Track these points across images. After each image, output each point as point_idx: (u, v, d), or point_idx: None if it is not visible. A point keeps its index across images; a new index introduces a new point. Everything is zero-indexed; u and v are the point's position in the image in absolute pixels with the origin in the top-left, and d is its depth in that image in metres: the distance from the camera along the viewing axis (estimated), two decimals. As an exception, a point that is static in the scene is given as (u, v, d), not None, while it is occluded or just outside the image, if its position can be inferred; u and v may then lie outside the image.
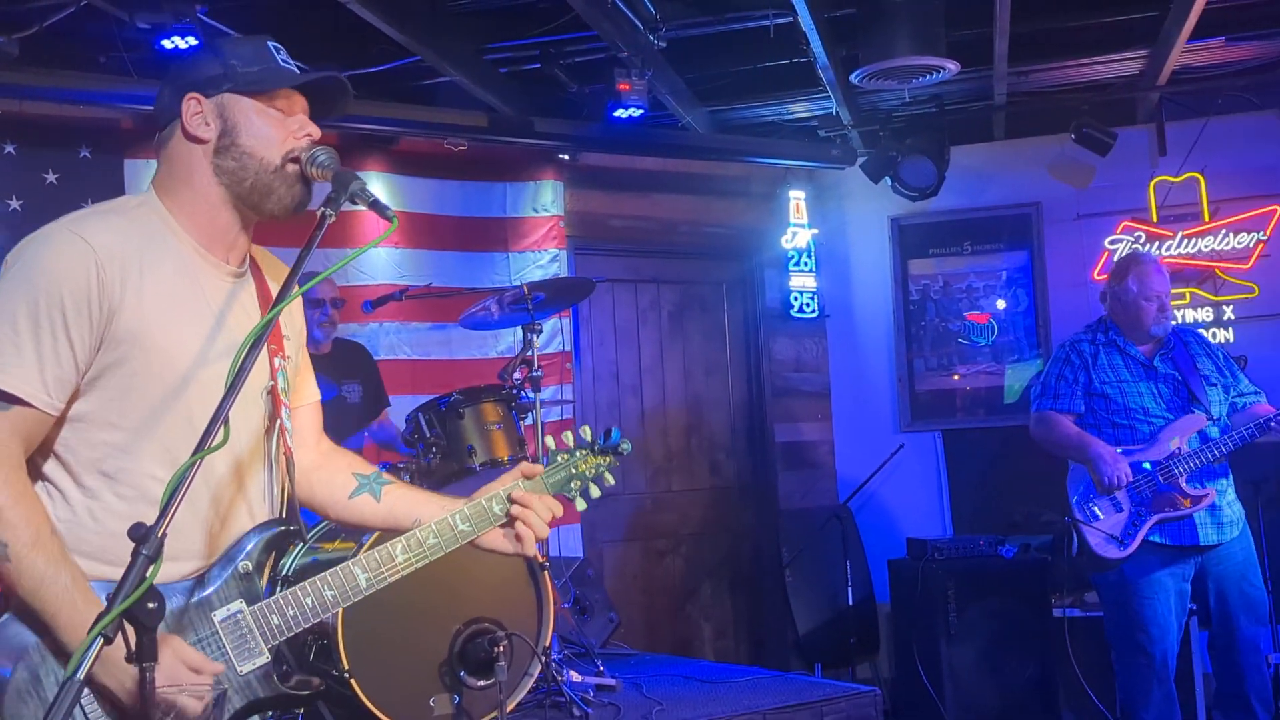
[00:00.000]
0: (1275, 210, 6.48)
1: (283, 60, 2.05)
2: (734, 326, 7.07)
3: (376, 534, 2.62)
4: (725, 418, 7.00)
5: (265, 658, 1.94)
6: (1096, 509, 4.67)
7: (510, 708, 3.89)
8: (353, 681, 3.69)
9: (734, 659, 6.60)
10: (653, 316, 6.81)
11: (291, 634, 1.97)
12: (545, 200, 6.29)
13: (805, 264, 6.97)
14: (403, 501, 2.22)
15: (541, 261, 6.22)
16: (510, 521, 2.16)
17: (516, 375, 4.59)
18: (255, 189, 1.99)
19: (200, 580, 1.94)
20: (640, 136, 6.15)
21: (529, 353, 4.55)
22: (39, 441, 1.87)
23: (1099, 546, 4.63)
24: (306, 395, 2.30)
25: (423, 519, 2.15)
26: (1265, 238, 6.48)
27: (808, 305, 6.99)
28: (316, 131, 2.06)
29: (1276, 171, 6.56)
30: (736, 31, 5.57)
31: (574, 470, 2.28)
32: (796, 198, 6.97)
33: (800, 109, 6.68)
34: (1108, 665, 5.20)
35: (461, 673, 3.92)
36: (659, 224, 6.73)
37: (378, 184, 5.75)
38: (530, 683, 4.05)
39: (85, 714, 1.77)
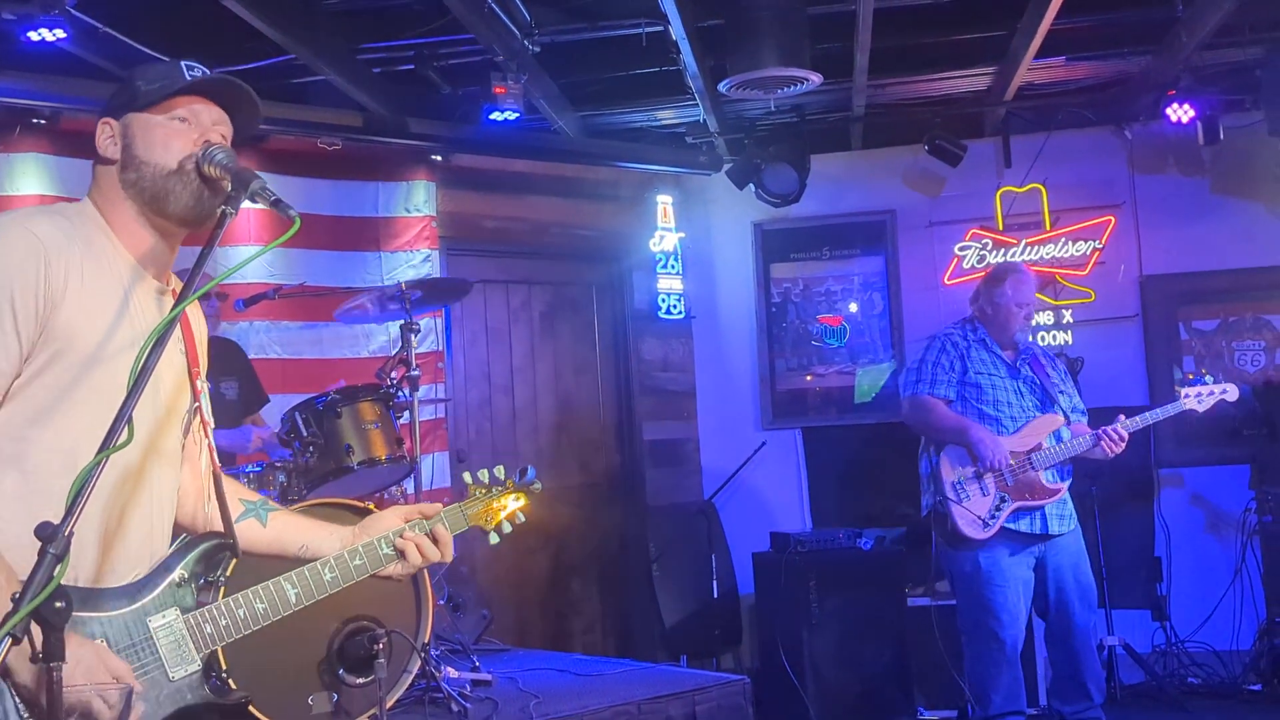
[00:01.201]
0: (1110, 220, 6.84)
1: (191, 74, 2.06)
2: (603, 327, 7.14)
3: None
4: (595, 416, 7.06)
5: (197, 665, 1.97)
6: (969, 490, 4.88)
7: (390, 704, 3.88)
8: (229, 680, 3.63)
9: (602, 652, 6.65)
10: (524, 317, 6.83)
11: (223, 643, 2.01)
12: (418, 200, 6.25)
13: (672, 267, 7.08)
14: (290, 528, 2.28)
15: (414, 261, 6.19)
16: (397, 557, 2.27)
17: (394, 374, 4.58)
18: (155, 195, 2.01)
19: (138, 586, 1.96)
20: (514, 139, 6.16)
21: (406, 352, 4.54)
22: None
23: (966, 526, 4.84)
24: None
25: (310, 545, 2.24)
26: (1101, 246, 6.82)
27: (674, 307, 7.09)
28: (218, 137, 2.08)
29: (1111, 184, 6.92)
30: (608, 38, 5.64)
31: (490, 504, 2.38)
32: (664, 202, 7.07)
33: (668, 116, 6.78)
34: (958, 651, 5.43)
35: (340, 670, 3.89)
36: (530, 226, 6.76)
37: (247, 182, 5.64)
38: (409, 679, 4.04)
39: (20, 712, 1.75)
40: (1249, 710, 5.99)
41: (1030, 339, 5.76)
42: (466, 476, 2.40)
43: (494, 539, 2.38)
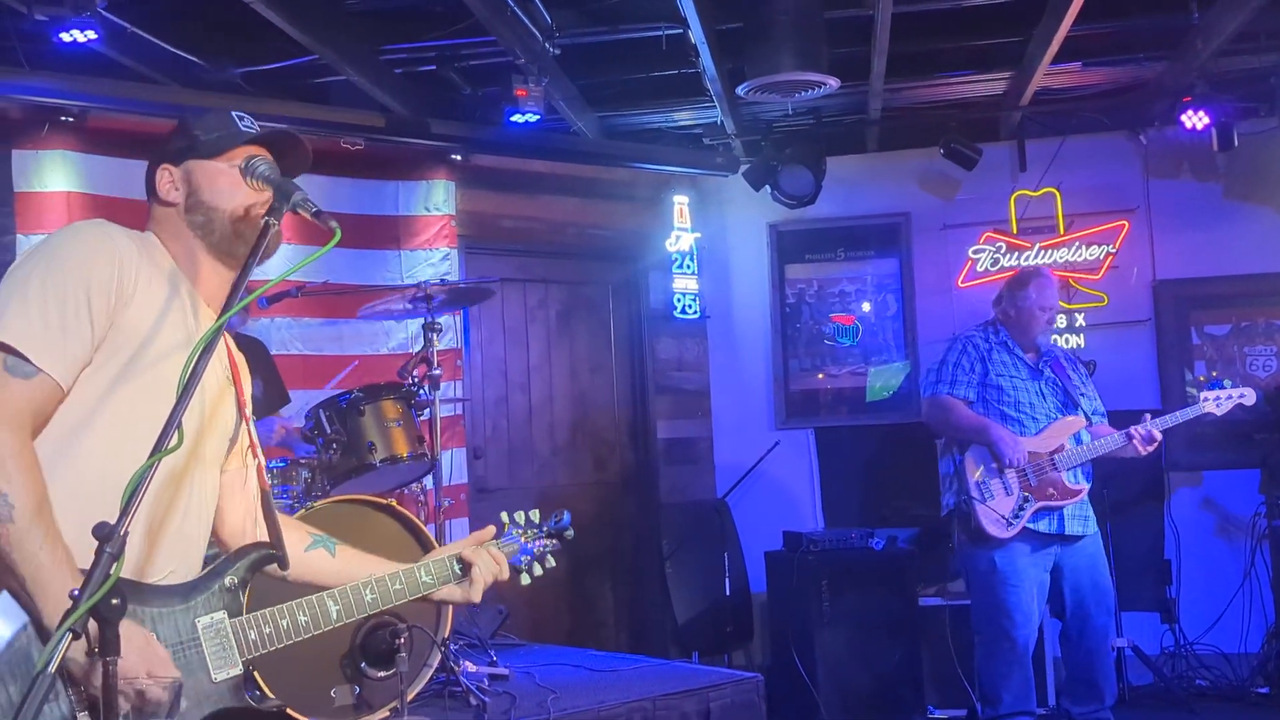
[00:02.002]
0: (1123, 225, 6.85)
1: (245, 126, 2.20)
2: (619, 326, 7.16)
3: None
4: (610, 414, 7.10)
5: (239, 669, 2.01)
6: (993, 489, 4.92)
7: (410, 698, 3.92)
8: (255, 673, 3.68)
9: (615, 647, 6.68)
10: (541, 316, 6.86)
11: (264, 651, 2.06)
12: (437, 200, 6.29)
13: (688, 267, 7.09)
14: (355, 561, 2.35)
15: (433, 260, 6.23)
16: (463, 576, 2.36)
17: (415, 373, 4.62)
18: (224, 237, 2.15)
19: (189, 587, 2.02)
20: (534, 140, 6.19)
21: (429, 350, 4.58)
22: (46, 418, 1.93)
23: (990, 525, 4.87)
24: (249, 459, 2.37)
25: (374, 577, 2.31)
26: (1114, 250, 6.83)
27: (690, 307, 7.11)
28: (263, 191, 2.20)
29: (1125, 188, 6.92)
30: (626, 41, 5.67)
31: (523, 544, 2.47)
32: (680, 203, 7.08)
33: (684, 117, 6.81)
34: (967, 651, 5.47)
35: (362, 664, 3.94)
36: (548, 225, 6.79)
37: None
38: (429, 673, 4.08)
39: (70, 699, 1.79)
40: (1256, 713, 6.01)
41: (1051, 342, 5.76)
42: (504, 516, 2.49)
43: (525, 580, 2.47)
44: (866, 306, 7.24)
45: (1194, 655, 6.46)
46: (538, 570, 2.48)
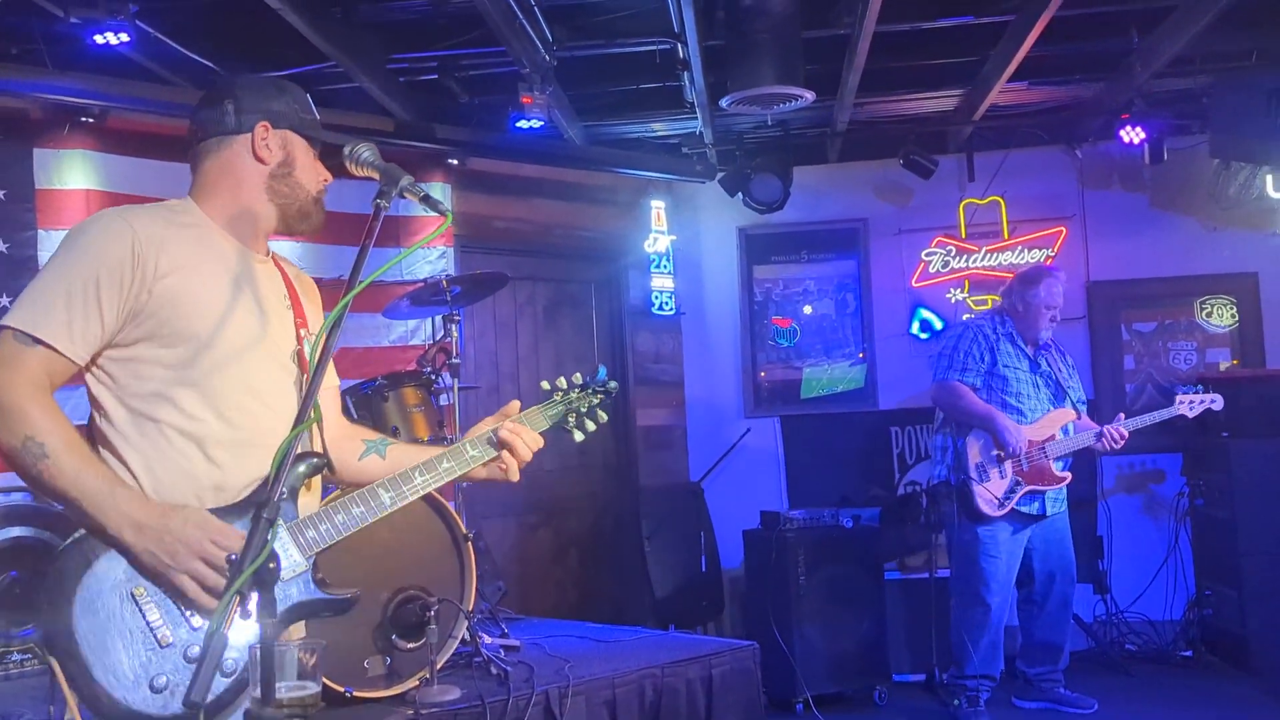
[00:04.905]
0: (1061, 231, 6.94)
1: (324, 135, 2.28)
2: (601, 321, 7.10)
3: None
4: (592, 403, 7.02)
5: (304, 565, 2.01)
6: (989, 472, 4.95)
7: (439, 666, 3.84)
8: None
9: (598, 620, 6.63)
10: (529, 311, 6.78)
11: (326, 546, 2.05)
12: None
13: (664, 267, 7.06)
14: (406, 455, 2.29)
15: (430, 258, 6.10)
16: (498, 455, 2.26)
17: (434, 360, 4.53)
18: (300, 213, 2.21)
19: (246, 503, 2.01)
20: (529, 146, 6.11)
21: (448, 340, 4.49)
22: (63, 381, 1.99)
23: (984, 504, 4.91)
24: (328, 380, 2.34)
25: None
26: (1053, 254, 6.92)
27: (666, 304, 7.08)
28: (329, 176, 2.28)
29: (1063, 198, 7.02)
30: (611, 56, 5.61)
31: (569, 406, 2.37)
32: (658, 207, 7.05)
33: (661, 128, 6.76)
34: (927, 620, 5.51)
35: (393, 636, 3.84)
36: (536, 227, 6.71)
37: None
38: (455, 644, 3.99)
39: (185, 616, 1.90)
40: (1181, 673, 6.13)
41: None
42: (545, 384, 2.40)
43: (578, 436, 2.39)
44: (809, 309, 7.25)
45: (1125, 622, 6.57)
46: (590, 426, 2.39)
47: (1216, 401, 5.26)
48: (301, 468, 2.01)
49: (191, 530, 1.88)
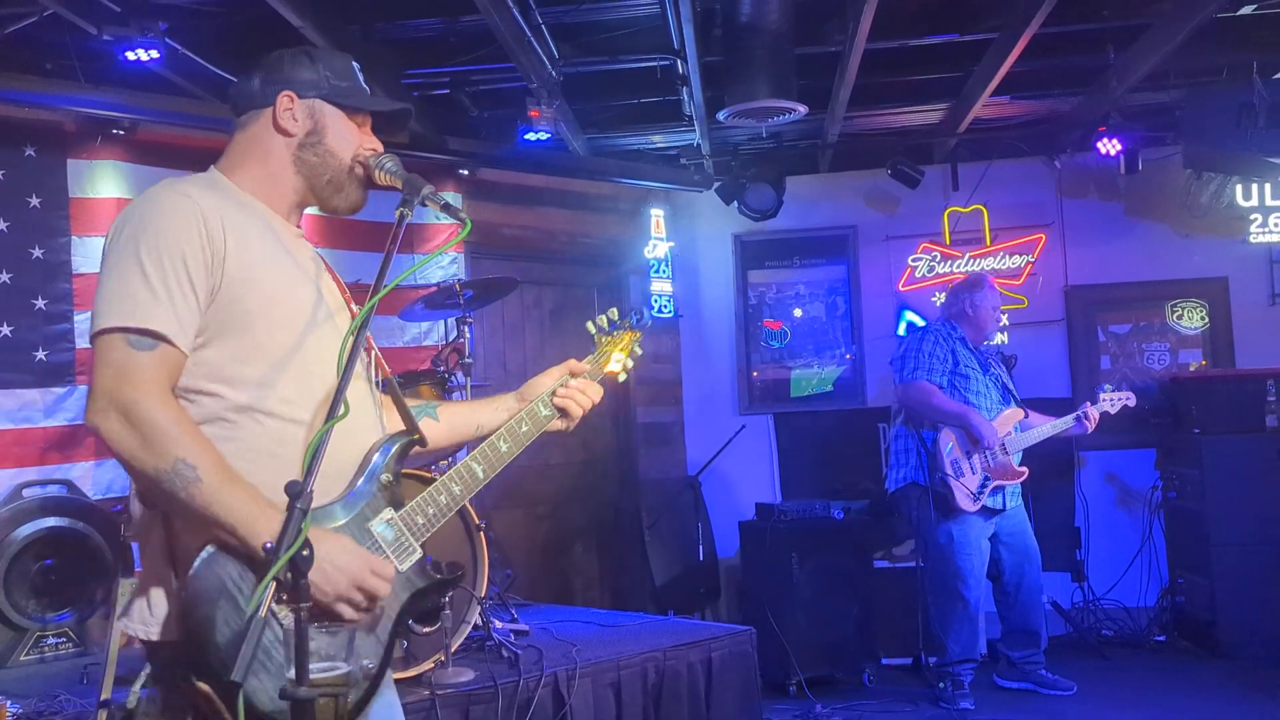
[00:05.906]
0: (1041, 237, 7.03)
1: (363, 81, 2.10)
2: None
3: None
4: (594, 401, 7.10)
5: (419, 553, 1.96)
6: (963, 468, 5.03)
7: (453, 649, 3.92)
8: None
9: (600, 607, 6.72)
10: (535, 314, 6.87)
11: (434, 529, 1.99)
12: (446, 210, 6.26)
13: (663, 272, 7.15)
14: (458, 415, 2.27)
15: (443, 263, 6.21)
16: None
17: (448, 360, 4.61)
18: (331, 184, 2.03)
19: (353, 497, 1.90)
20: (537, 157, 6.21)
21: (461, 341, 4.58)
22: (176, 381, 1.81)
23: (962, 499, 4.99)
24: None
25: (483, 424, 2.25)
26: (1033, 259, 7.02)
27: (665, 307, 7.17)
28: (380, 146, 2.10)
29: (1042, 206, 7.11)
30: (613, 71, 5.70)
31: (613, 350, 2.47)
32: (657, 215, 7.14)
33: (659, 140, 6.87)
34: (912, 608, 5.59)
35: (410, 621, 3.91)
36: (542, 234, 6.80)
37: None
38: (468, 629, 4.08)
39: (278, 620, 1.72)
40: (1155, 657, 6.21)
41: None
42: (590, 326, 2.46)
43: (623, 377, 2.47)
44: (799, 312, 7.34)
45: (1101, 609, 6.65)
46: (630, 364, 2.49)
47: (1131, 399, 5.40)
48: (395, 447, 1.96)
49: (351, 560, 1.76)
